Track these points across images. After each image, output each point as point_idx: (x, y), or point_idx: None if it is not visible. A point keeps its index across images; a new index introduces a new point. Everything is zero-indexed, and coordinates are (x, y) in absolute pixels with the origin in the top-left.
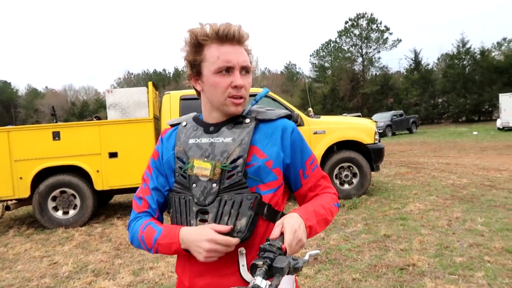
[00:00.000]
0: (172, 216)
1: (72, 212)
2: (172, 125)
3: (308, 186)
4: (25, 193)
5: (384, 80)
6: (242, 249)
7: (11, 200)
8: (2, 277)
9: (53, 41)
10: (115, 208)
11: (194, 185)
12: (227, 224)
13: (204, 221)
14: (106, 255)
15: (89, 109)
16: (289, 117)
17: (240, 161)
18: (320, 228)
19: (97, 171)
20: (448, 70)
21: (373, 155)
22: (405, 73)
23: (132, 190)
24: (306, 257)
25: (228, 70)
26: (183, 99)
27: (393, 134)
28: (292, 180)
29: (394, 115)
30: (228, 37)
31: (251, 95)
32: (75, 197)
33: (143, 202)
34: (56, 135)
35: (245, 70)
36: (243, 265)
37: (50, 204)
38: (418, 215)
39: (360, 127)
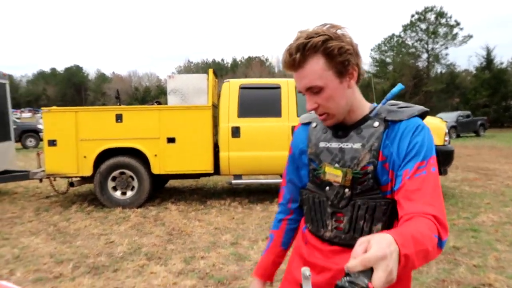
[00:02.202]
0: (307, 212)
1: (129, 193)
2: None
3: (404, 189)
4: (88, 171)
5: (450, 78)
6: (306, 270)
7: (75, 177)
8: (63, 251)
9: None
10: (170, 193)
11: (327, 188)
12: (363, 228)
13: (339, 222)
14: (159, 239)
15: (151, 94)
16: (424, 114)
17: (371, 168)
18: (418, 261)
19: (155, 155)
20: None
21: (441, 158)
22: (475, 71)
23: (187, 176)
24: None
25: (302, 93)
26: (242, 87)
27: (458, 136)
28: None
29: (460, 116)
30: (286, 67)
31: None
32: (133, 179)
33: (281, 191)
34: (119, 118)
35: (313, 89)
36: None
37: (110, 184)
38: (492, 228)
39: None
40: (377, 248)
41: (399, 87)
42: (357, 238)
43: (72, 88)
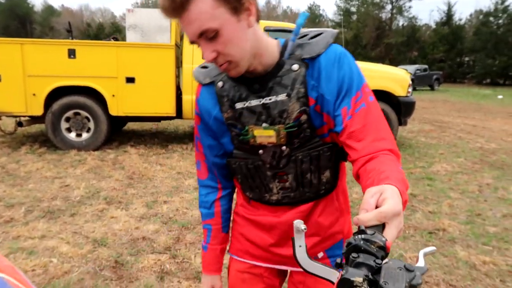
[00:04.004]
0: (243, 182)
1: (85, 135)
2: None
3: (349, 131)
4: (38, 110)
5: (411, 31)
6: (300, 223)
7: (24, 116)
8: (13, 194)
9: None
10: (128, 135)
11: (261, 151)
12: (311, 181)
13: (284, 181)
14: (118, 183)
15: (105, 32)
16: (335, 36)
17: (304, 117)
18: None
19: (113, 95)
20: (481, 28)
21: (403, 109)
22: (435, 26)
23: (148, 119)
24: (423, 263)
25: (195, 43)
26: None
27: (414, 89)
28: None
29: (418, 69)
30: (167, 13)
31: (285, 31)
32: (89, 120)
33: (201, 167)
34: (71, 53)
35: (207, 35)
36: (300, 246)
37: (64, 125)
38: (446, 177)
39: (394, 77)
40: (393, 202)
41: (303, 15)
42: (307, 192)
43: (15, 21)
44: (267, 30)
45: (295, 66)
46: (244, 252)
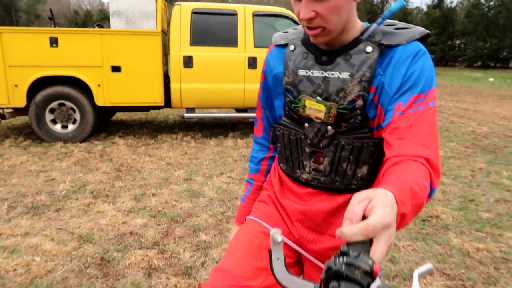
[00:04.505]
0: (281, 151)
1: (71, 127)
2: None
3: (394, 126)
4: (21, 102)
5: (403, 15)
6: (277, 234)
7: (6, 108)
8: None
9: None
10: (117, 126)
11: (306, 124)
12: (345, 171)
13: (319, 163)
14: (106, 175)
15: (93, 19)
16: (426, 37)
17: (360, 102)
18: (411, 217)
19: (98, 85)
20: (472, 10)
21: None
22: (426, 9)
23: (135, 108)
24: (417, 286)
25: None
26: (195, 12)
27: None
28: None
29: None
30: None
31: (275, 16)
32: (74, 111)
33: (258, 124)
34: (53, 42)
35: None
36: (278, 259)
37: (48, 117)
38: None
39: None
40: (382, 212)
41: (399, 3)
42: (338, 181)
43: (0, 9)
44: (256, 15)
45: (369, 48)
46: (266, 216)
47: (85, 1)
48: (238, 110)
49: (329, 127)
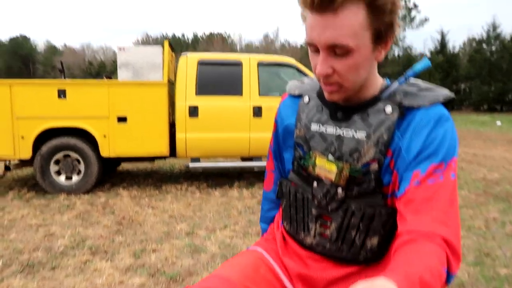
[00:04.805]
0: (285, 209)
1: (75, 178)
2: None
3: (409, 198)
4: (26, 154)
5: (407, 61)
6: None
7: (12, 160)
8: None
9: None
10: (122, 176)
11: (315, 183)
12: (354, 240)
13: (325, 227)
14: (106, 229)
15: (106, 69)
16: (449, 101)
17: (375, 166)
18: None
19: (104, 136)
20: (474, 55)
21: None
22: (429, 55)
23: (140, 159)
24: None
25: (314, 48)
26: (201, 63)
27: None
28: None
29: None
30: (310, 4)
31: (280, 65)
32: (79, 162)
33: (268, 177)
34: (61, 93)
35: (337, 49)
36: None
37: (53, 168)
38: None
39: None
40: None
41: (425, 63)
42: (344, 250)
43: (18, 61)
44: (261, 64)
45: (389, 109)
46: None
47: (99, 52)
48: (244, 159)
49: (340, 190)
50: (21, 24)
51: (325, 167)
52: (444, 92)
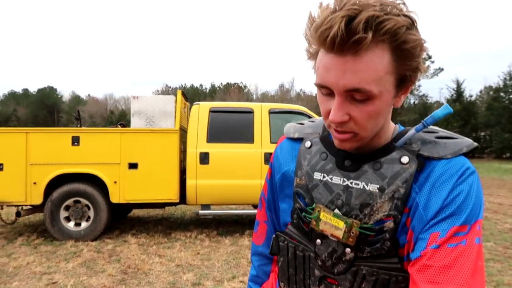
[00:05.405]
0: (283, 268)
1: (84, 224)
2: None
3: (425, 263)
4: (37, 199)
5: (423, 109)
6: None
7: (24, 205)
8: None
9: (98, 50)
10: (132, 223)
11: (318, 241)
12: None
13: None
14: (111, 279)
15: (126, 118)
16: (473, 151)
17: (390, 224)
18: None
19: (115, 182)
20: (492, 103)
21: None
22: (446, 103)
23: (150, 205)
24: None
25: (326, 91)
26: (212, 111)
27: None
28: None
29: None
30: (329, 43)
31: (291, 112)
32: (89, 208)
33: (259, 229)
34: (75, 140)
35: (357, 95)
36: None
37: (62, 214)
38: None
39: None
40: None
41: (446, 109)
42: None
43: (44, 110)
44: (272, 112)
45: (405, 159)
46: None
47: (121, 102)
48: (255, 206)
49: (348, 250)
50: (49, 76)
51: (331, 223)
52: (468, 142)
